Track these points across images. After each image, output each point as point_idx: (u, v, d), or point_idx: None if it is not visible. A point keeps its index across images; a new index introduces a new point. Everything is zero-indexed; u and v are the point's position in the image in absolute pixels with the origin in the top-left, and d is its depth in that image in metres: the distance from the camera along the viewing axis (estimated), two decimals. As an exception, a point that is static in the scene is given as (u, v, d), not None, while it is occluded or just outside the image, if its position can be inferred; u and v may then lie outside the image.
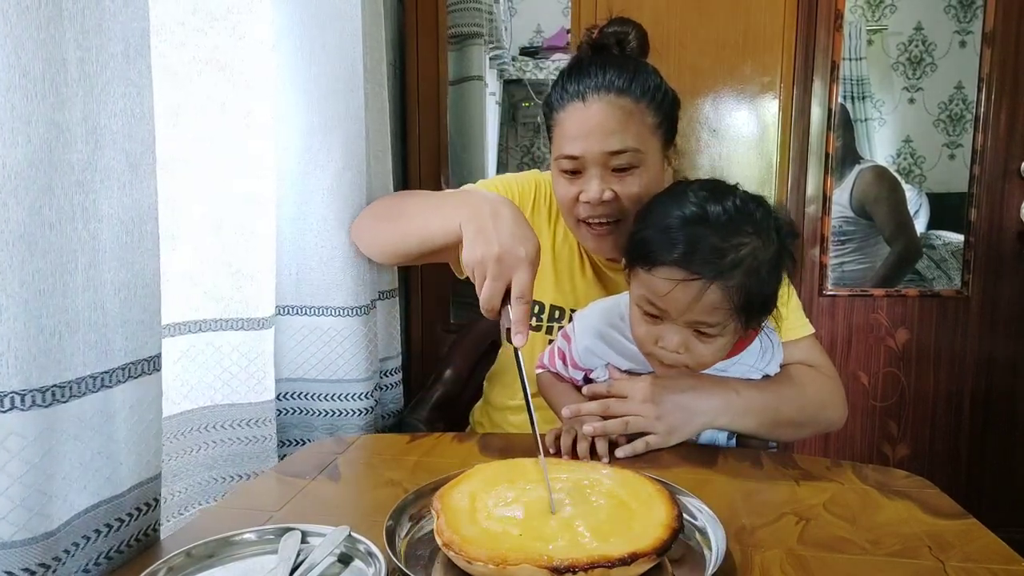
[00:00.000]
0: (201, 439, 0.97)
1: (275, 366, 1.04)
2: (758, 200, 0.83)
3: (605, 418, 0.89)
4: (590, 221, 1.02)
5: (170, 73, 0.87)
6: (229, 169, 0.95)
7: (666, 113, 1.01)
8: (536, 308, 1.11)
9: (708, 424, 0.92)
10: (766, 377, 0.97)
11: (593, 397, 0.95)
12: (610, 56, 1.02)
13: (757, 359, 0.95)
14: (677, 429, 0.89)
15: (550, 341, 1.08)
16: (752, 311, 0.82)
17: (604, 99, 0.97)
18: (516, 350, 0.81)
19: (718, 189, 0.83)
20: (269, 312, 1.01)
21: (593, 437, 0.87)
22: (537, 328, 1.12)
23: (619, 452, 0.86)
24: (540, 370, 1.05)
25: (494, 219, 0.84)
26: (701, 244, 0.78)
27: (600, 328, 0.96)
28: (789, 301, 1.03)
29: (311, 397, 1.14)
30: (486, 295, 0.81)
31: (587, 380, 1.00)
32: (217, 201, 0.94)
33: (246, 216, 0.97)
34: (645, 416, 0.88)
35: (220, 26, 0.92)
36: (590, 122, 0.97)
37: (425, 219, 0.97)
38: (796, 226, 0.87)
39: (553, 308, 1.13)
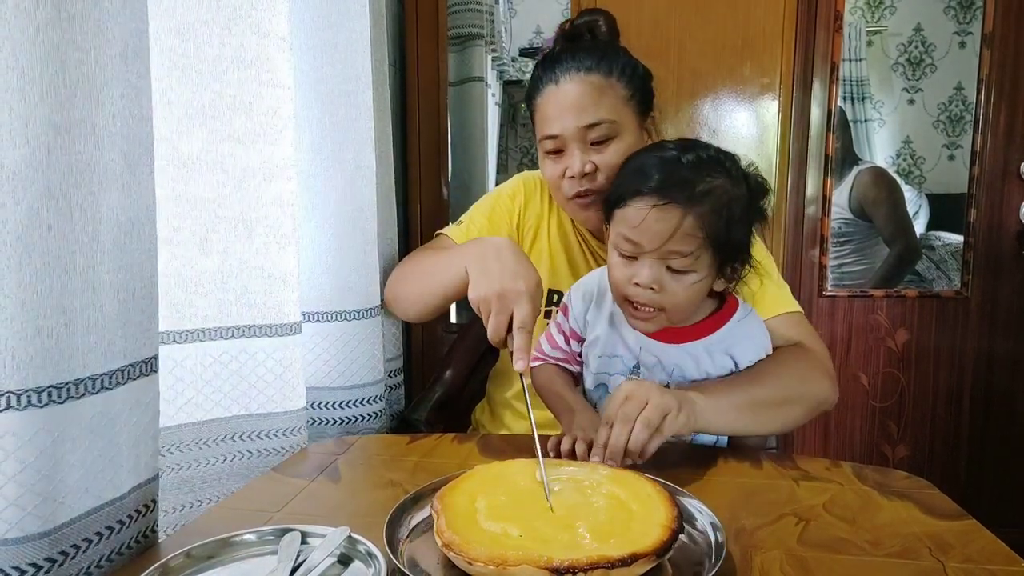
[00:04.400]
0: (234, 448, 0.96)
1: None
2: (729, 154, 0.88)
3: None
4: (578, 196, 1.07)
5: (194, 72, 0.86)
6: (259, 170, 0.93)
7: (638, 86, 1.06)
8: None
9: (700, 412, 0.85)
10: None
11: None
12: (580, 43, 1.09)
13: (736, 343, 0.92)
14: (681, 403, 0.82)
15: (546, 313, 1.10)
16: (724, 249, 0.85)
17: (575, 78, 1.03)
18: (520, 375, 0.85)
19: (693, 142, 0.89)
20: (297, 317, 0.99)
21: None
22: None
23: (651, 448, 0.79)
24: (538, 362, 1.04)
25: (497, 259, 0.91)
26: (673, 175, 0.83)
27: (594, 287, 0.99)
28: (771, 274, 1.05)
29: (327, 406, 1.13)
30: (491, 328, 0.88)
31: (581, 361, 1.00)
32: (248, 203, 0.93)
33: (276, 219, 0.95)
34: (652, 396, 0.80)
35: (244, 24, 0.90)
36: (564, 101, 1.03)
37: (440, 274, 1.02)
38: (767, 183, 0.90)
39: (551, 292, 1.16)
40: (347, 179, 1.10)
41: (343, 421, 1.14)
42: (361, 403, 1.14)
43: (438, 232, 1.23)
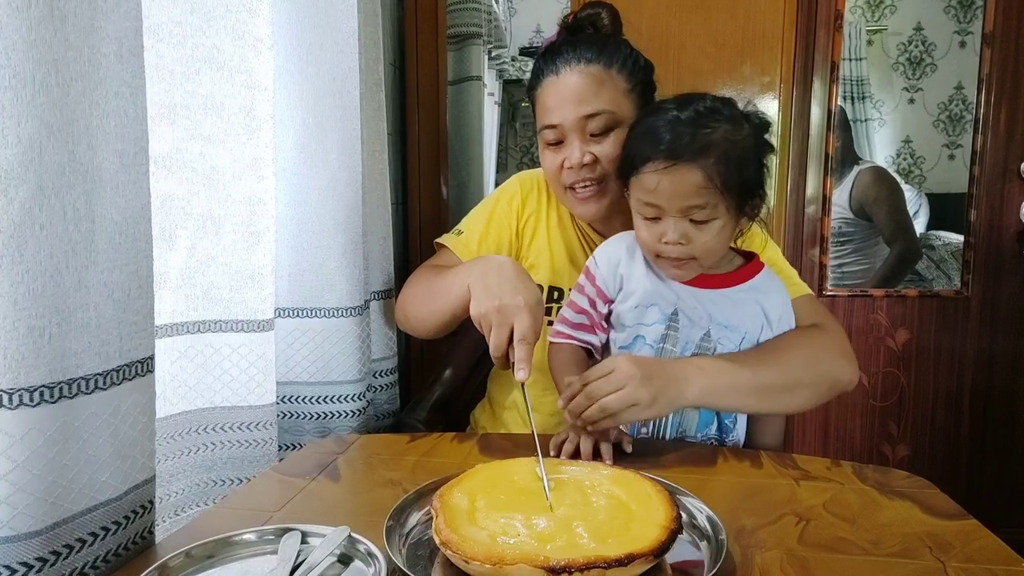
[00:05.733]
0: (199, 440, 0.96)
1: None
2: (726, 100, 0.92)
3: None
4: (575, 186, 1.08)
5: (167, 72, 0.87)
6: (229, 169, 0.94)
7: (639, 78, 1.07)
8: None
9: (693, 395, 0.88)
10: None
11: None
12: (582, 35, 1.10)
13: (765, 295, 0.97)
14: (662, 393, 0.86)
15: (550, 323, 1.09)
16: (737, 192, 0.88)
17: (575, 69, 1.04)
18: (522, 384, 0.86)
19: (690, 96, 0.93)
20: (269, 315, 1.00)
21: (598, 441, 0.86)
22: None
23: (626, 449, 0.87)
24: (559, 339, 1.03)
25: (497, 275, 0.93)
26: (677, 135, 0.87)
27: (622, 245, 1.02)
28: (778, 260, 1.09)
29: (301, 400, 1.14)
30: (493, 343, 0.89)
31: (608, 321, 1.02)
32: (217, 201, 0.94)
33: (246, 216, 0.96)
34: (629, 385, 0.84)
35: (218, 25, 0.91)
36: (564, 91, 1.04)
37: (445, 294, 1.03)
38: (766, 116, 0.94)
39: (552, 289, 1.16)
40: (330, 179, 1.10)
41: (318, 416, 1.14)
42: (337, 400, 1.14)
43: (437, 241, 1.23)
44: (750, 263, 0.99)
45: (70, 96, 0.57)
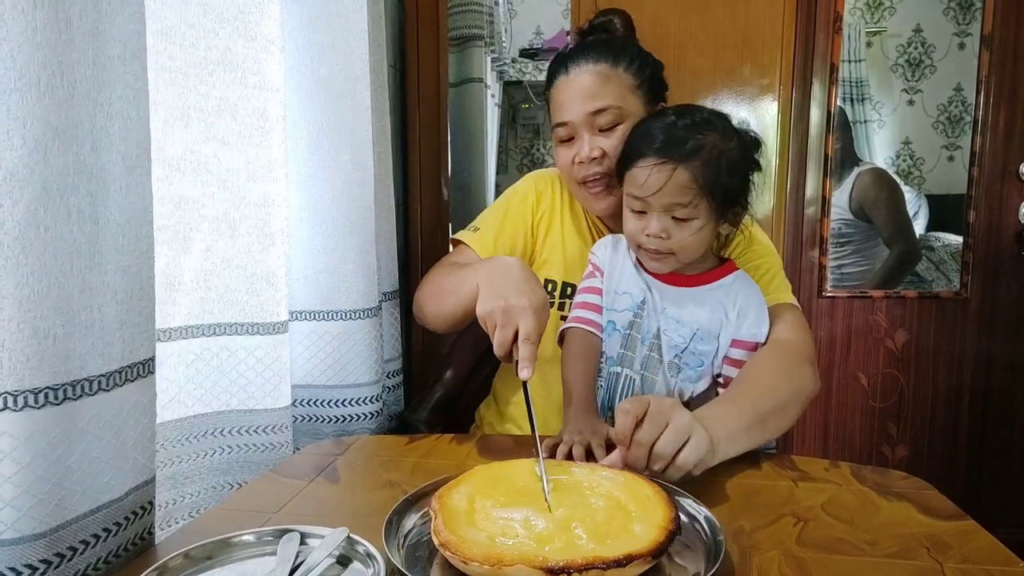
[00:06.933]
0: (215, 443, 0.96)
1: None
2: (721, 114, 0.99)
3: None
4: (587, 181, 1.12)
5: (181, 74, 0.87)
6: (243, 170, 0.94)
7: (647, 75, 1.12)
8: (550, 287, 1.19)
9: (721, 448, 0.83)
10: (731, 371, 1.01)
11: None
12: (593, 39, 1.15)
13: (729, 298, 1.00)
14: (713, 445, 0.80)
15: (563, 318, 1.12)
16: (720, 197, 0.94)
17: (583, 67, 1.09)
18: (524, 383, 0.86)
19: (689, 107, 1.00)
20: (283, 316, 1.00)
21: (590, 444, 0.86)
22: (550, 305, 1.16)
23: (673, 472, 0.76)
24: (575, 323, 1.05)
25: (504, 276, 0.95)
26: (670, 137, 0.94)
27: (610, 238, 1.11)
28: (772, 268, 1.11)
29: (321, 404, 1.13)
30: (497, 341, 0.90)
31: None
32: (232, 203, 0.94)
33: (261, 218, 0.96)
34: (694, 436, 0.77)
35: (231, 27, 0.91)
36: (572, 88, 1.10)
37: (457, 293, 1.06)
38: (759, 136, 1.00)
39: (565, 285, 1.19)
40: (344, 180, 1.10)
41: (338, 420, 1.14)
42: (357, 403, 1.14)
43: (453, 238, 1.24)
44: (721, 267, 1.04)
45: (75, 98, 0.58)
